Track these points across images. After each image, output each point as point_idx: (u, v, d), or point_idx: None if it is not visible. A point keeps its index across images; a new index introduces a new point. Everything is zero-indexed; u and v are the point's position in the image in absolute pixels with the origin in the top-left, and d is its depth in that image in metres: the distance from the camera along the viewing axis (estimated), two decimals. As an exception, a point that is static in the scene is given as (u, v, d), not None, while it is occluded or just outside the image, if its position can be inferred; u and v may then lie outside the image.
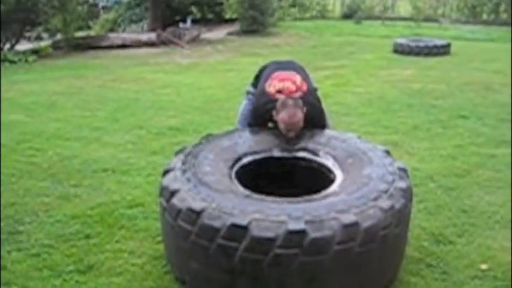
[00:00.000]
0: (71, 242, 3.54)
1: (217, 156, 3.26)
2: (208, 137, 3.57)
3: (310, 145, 3.48)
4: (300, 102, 3.50)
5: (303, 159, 3.45)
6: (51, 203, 4.17)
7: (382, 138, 5.80)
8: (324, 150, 3.42)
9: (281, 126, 3.50)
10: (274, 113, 3.52)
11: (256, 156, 3.42)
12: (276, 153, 3.46)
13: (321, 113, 3.80)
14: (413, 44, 12.32)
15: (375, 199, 2.73)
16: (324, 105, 3.93)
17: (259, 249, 2.52)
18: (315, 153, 3.43)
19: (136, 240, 3.58)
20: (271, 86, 3.68)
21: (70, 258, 3.34)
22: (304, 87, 3.67)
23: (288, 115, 3.43)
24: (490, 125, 6.36)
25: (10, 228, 3.73)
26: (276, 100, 3.53)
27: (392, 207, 2.72)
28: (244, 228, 2.53)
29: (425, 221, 3.85)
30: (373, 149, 3.36)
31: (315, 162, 3.41)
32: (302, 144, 3.50)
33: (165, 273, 3.16)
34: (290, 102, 3.46)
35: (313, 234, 2.50)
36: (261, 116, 3.69)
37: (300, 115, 3.45)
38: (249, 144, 3.49)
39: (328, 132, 3.68)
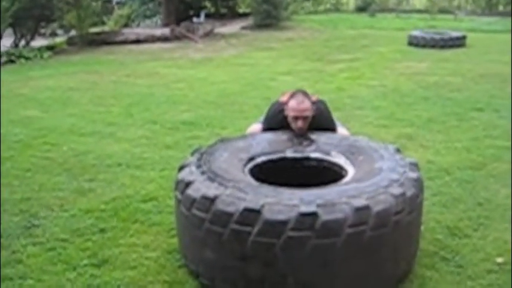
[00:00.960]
0: (86, 236, 3.56)
1: (231, 155, 3.31)
2: (223, 139, 3.64)
3: (322, 146, 3.54)
4: (310, 95, 3.67)
5: (315, 159, 3.49)
6: (66, 198, 4.19)
7: (396, 131, 5.78)
8: (335, 150, 3.47)
9: (290, 115, 3.60)
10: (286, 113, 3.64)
11: (270, 157, 3.47)
12: (289, 153, 3.52)
13: (329, 120, 3.88)
14: (428, 37, 12.22)
15: (386, 187, 2.77)
16: (335, 117, 4.04)
17: (272, 232, 2.56)
18: (327, 153, 3.48)
19: (150, 234, 3.59)
20: (284, 96, 3.80)
21: (85, 252, 3.35)
22: (314, 98, 3.78)
23: (297, 101, 3.56)
24: (506, 117, 6.29)
25: (25, 223, 3.76)
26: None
27: (403, 194, 2.75)
28: (257, 212, 2.57)
29: (440, 214, 3.82)
30: (384, 147, 3.41)
31: (327, 161, 3.45)
32: (314, 145, 3.56)
33: (179, 267, 3.16)
34: (299, 92, 3.66)
35: (324, 216, 2.54)
36: (274, 122, 3.78)
37: (307, 104, 3.57)
38: (263, 146, 3.55)
39: (339, 134, 3.77)
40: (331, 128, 3.83)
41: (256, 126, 3.99)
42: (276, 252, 2.58)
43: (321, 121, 3.71)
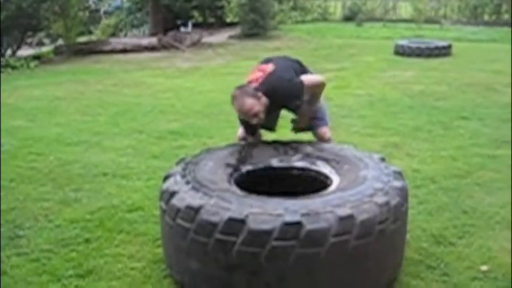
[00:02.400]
0: (71, 247, 3.54)
1: (216, 164, 3.30)
2: (209, 149, 3.63)
3: (307, 155, 3.54)
4: (248, 88, 3.50)
5: (301, 168, 3.50)
6: (51, 208, 4.17)
7: (382, 140, 5.80)
8: (321, 159, 3.48)
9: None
10: None
11: (255, 166, 3.48)
12: (274, 163, 3.52)
13: (288, 86, 3.64)
14: (414, 46, 12.30)
15: (371, 195, 2.78)
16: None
17: (257, 242, 2.56)
18: (312, 162, 3.49)
19: (135, 244, 3.57)
20: (247, 79, 3.75)
21: (69, 263, 3.33)
22: (269, 70, 3.66)
23: (238, 106, 3.47)
24: (492, 125, 6.35)
25: (10, 233, 3.73)
26: None
27: (387, 203, 2.76)
28: (242, 222, 2.58)
29: (426, 223, 3.84)
30: (369, 156, 3.42)
31: (313, 170, 3.46)
32: (299, 154, 3.56)
33: (165, 277, 3.16)
34: (237, 92, 3.49)
35: (309, 226, 2.55)
36: None
37: (250, 101, 3.43)
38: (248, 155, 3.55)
39: (324, 144, 3.76)
40: (293, 95, 3.63)
41: (241, 129, 3.98)
42: (260, 262, 2.58)
43: (278, 91, 3.55)
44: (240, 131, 4.00)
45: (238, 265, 2.64)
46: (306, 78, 3.71)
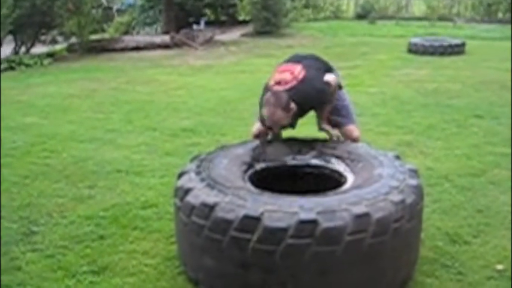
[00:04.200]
0: (85, 243, 3.56)
1: (231, 162, 3.29)
2: (223, 146, 3.62)
3: (322, 153, 3.52)
4: (283, 99, 3.43)
5: (315, 166, 3.48)
6: (65, 204, 4.19)
7: (396, 138, 5.78)
8: (335, 157, 3.47)
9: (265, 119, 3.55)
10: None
11: (270, 164, 3.46)
12: (289, 160, 3.51)
13: (319, 96, 3.68)
14: (427, 44, 12.23)
15: (386, 193, 2.76)
16: (344, 96, 4.05)
17: (272, 239, 2.55)
18: (326, 160, 3.47)
19: (150, 241, 3.58)
20: (272, 78, 3.70)
21: (84, 259, 3.35)
22: (301, 76, 3.61)
23: (269, 113, 3.46)
24: (506, 124, 6.29)
25: (25, 230, 3.76)
26: None
27: (403, 201, 2.75)
28: (257, 219, 2.57)
29: (440, 221, 3.82)
30: (384, 154, 3.39)
31: (327, 168, 3.45)
32: (314, 152, 3.54)
33: (179, 273, 3.16)
34: (272, 100, 3.44)
35: (324, 224, 2.53)
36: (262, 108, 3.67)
37: (280, 114, 3.42)
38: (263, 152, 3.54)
39: (339, 142, 3.73)
40: (322, 102, 3.71)
41: (257, 125, 3.94)
42: (275, 260, 2.57)
43: (307, 100, 3.57)
44: (256, 127, 3.97)
45: (253, 263, 2.63)
46: (330, 80, 3.71)
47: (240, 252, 2.63)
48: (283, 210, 2.60)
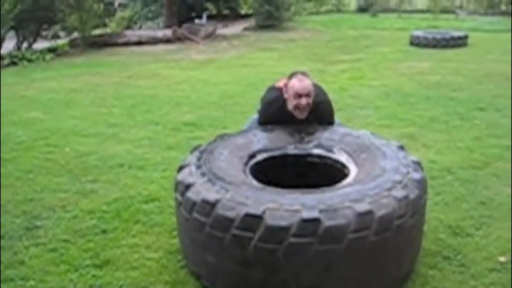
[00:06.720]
0: (88, 237, 3.56)
1: (231, 153, 3.26)
2: (223, 136, 3.57)
3: (324, 142, 3.48)
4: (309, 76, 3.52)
5: (317, 156, 3.44)
6: (68, 199, 4.20)
7: (398, 131, 5.77)
8: (338, 147, 3.42)
9: (292, 94, 3.47)
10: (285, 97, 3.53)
11: (271, 153, 3.42)
12: (290, 150, 3.46)
13: (330, 109, 3.76)
14: (430, 36, 12.20)
15: (389, 189, 2.72)
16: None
17: (274, 238, 2.53)
18: (329, 149, 3.43)
19: (152, 234, 3.59)
20: (281, 81, 3.68)
21: (87, 253, 3.36)
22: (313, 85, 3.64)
23: (298, 80, 3.46)
24: (509, 116, 6.27)
25: (28, 224, 3.77)
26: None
27: (406, 197, 2.71)
28: (259, 218, 2.54)
29: (443, 213, 3.81)
30: (387, 144, 3.35)
31: (329, 158, 3.40)
32: (316, 141, 3.49)
33: (181, 267, 3.17)
34: (298, 72, 3.52)
35: (327, 222, 2.50)
36: (272, 109, 3.66)
37: (309, 82, 3.47)
38: (263, 142, 3.49)
39: (341, 129, 3.66)
40: (331, 117, 3.75)
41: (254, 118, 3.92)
42: (278, 258, 2.55)
43: (321, 109, 3.62)
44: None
45: (255, 261, 2.61)
46: None
47: (241, 250, 2.60)
48: (285, 208, 2.56)
